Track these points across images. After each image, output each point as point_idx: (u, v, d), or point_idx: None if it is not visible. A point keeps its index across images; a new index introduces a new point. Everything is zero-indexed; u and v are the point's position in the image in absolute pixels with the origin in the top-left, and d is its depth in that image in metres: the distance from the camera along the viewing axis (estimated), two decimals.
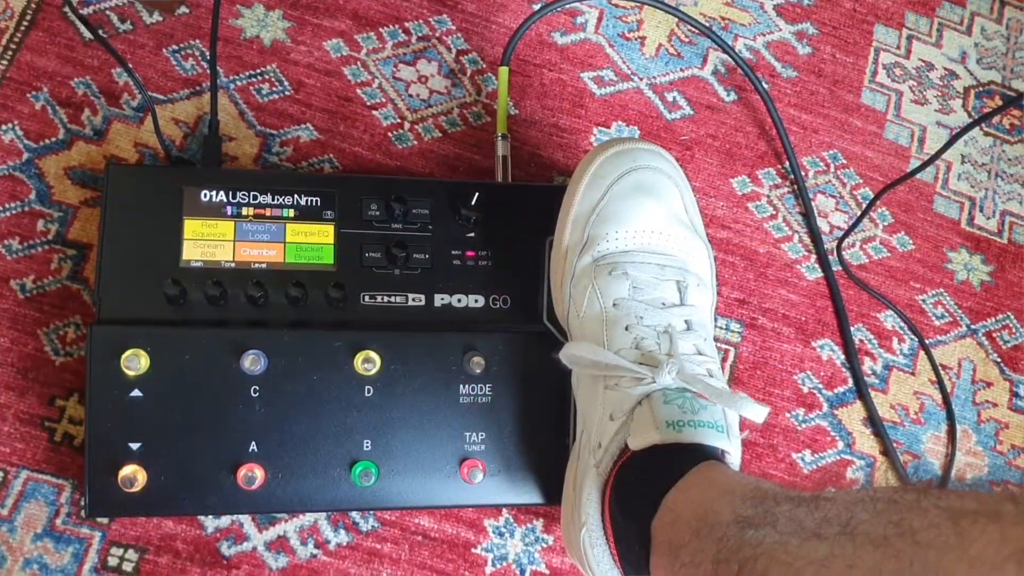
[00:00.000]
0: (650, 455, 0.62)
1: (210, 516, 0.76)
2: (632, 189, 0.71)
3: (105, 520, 0.75)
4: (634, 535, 0.60)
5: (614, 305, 0.68)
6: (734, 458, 0.64)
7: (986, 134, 1.02)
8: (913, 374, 0.93)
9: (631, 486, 0.63)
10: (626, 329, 0.67)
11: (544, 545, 0.81)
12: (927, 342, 0.93)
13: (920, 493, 0.41)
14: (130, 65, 0.80)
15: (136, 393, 0.70)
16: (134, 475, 0.69)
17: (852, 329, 0.92)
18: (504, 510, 0.81)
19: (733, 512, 0.50)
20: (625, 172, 0.71)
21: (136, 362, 0.69)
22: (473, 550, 0.80)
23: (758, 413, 0.62)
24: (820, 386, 0.90)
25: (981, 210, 0.99)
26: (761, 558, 0.44)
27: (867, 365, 0.92)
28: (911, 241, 0.96)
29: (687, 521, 0.54)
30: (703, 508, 0.53)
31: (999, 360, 0.95)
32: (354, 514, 0.79)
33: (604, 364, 0.66)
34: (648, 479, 0.61)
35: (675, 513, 0.56)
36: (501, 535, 0.80)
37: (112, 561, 0.74)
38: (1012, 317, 0.96)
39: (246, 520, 0.77)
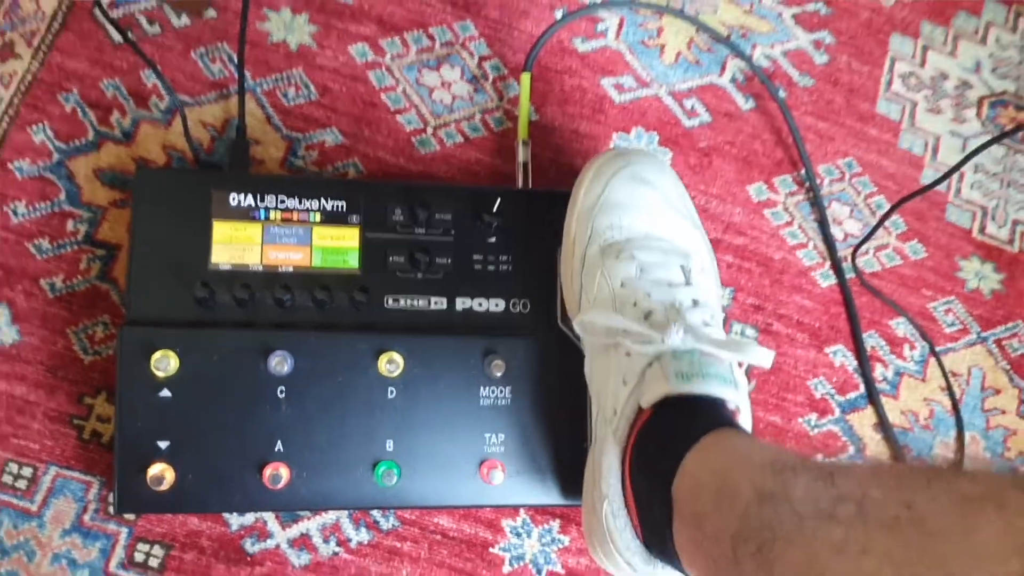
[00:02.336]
0: (665, 414, 0.64)
1: (235, 514, 0.77)
2: (630, 180, 0.75)
3: (132, 516, 0.76)
4: (656, 498, 0.61)
5: (622, 285, 0.71)
6: (745, 417, 0.66)
7: (999, 144, 1.03)
8: (923, 380, 0.94)
9: (650, 448, 0.64)
10: (635, 305, 0.69)
11: (561, 546, 0.82)
12: (938, 349, 0.95)
13: (931, 476, 0.42)
14: (159, 68, 0.81)
15: (165, 393, 0.71)
16: (162, 474, 0.70)
17: (864, 336, 0.93)
18: (521, 511, 0.83)
19: (752, 485, 0.51)
20: (623, 166, 0.75)
21: (166, 363, 0.71)
22: (491, 550, 0.81)
23: (765, 357, 0.65)
24: (832, 391, 0.91)
25: (993, 219, 1.00)
26: (779, 541, 0.46)
27: (878, 371, 0.93)
28: (923, 249, 0.97)
29: (708, 488, 0.55)
30: (723, 477, 0.55)
31: (1008, 367, 0.96)
32: (375, 513, 0.80)
33: (616, 329, 0.69)
34: (665, 438, 0.63)
35: (695, 479, 0.58)
36: (518, 535, 0.82)
37: (139, 557, 0.76)
38: (1022, 325, 0.98)
39: (270, 518, 0.79)
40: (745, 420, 0.66)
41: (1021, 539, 0.36)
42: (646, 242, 0.73)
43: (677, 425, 0.62)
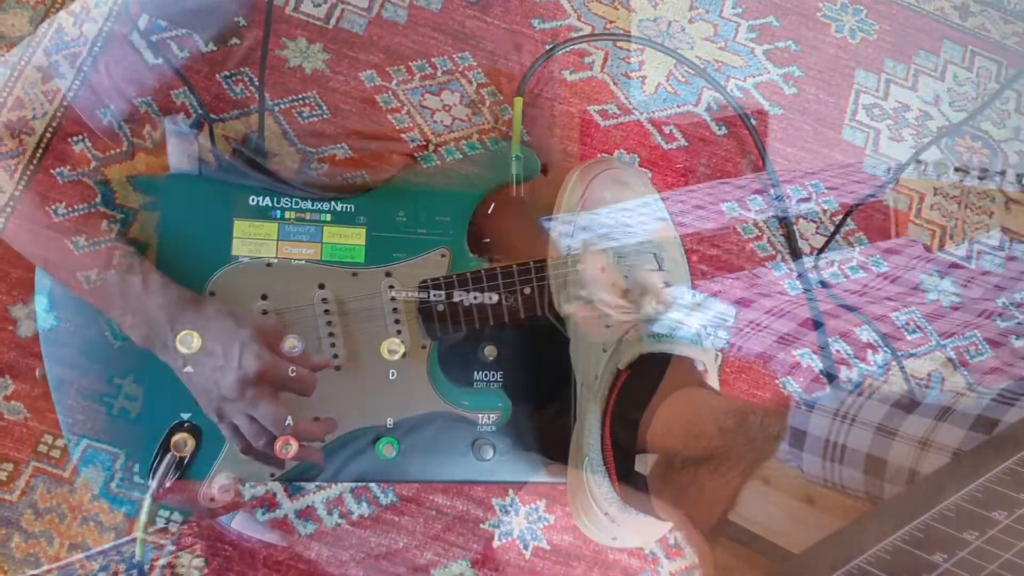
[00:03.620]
0: (640, 372, 0.73)
1: (247, 484, 0.85)
2: (609, 182, 0.85)
3: (155, 484, 0.83)
4: (632, 445, 0.70)
5: (602, 271, 0.80)
6: (712, 378, 0.74)
7: (957, 170, 1.12)
8: (886, 383, 1.01)
9: (627, 402, 0.73)
10: (613, 285, 0.79)
11: (546, 524, 0.89)
12: (899, 355, 1.02)
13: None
14: (191, 84, 0.91)
15: (188, 369, 0.79)
16: (184, 441, 0.78)
17: (830, 341, 1.01)
18: (510, 490, 0.90)
19: (716, 424, 0.60)
20: (602, 170, 0.86)
21: (190, 341, 0.78)
22: (481, 525, 0.88)
23: (728, 311, 0.81)
24: (799, 391, 0.99)
25: (951, 237, 1.09)
26: (733, 457, 0.55)
27: (843, 373, 1.00)
28: (885, 263, 1.06)
29: (677, 433, 0.64)
30: (690, 421, 0.64)
31: (966, 373, 1.04)
32: (375, 489, 0.87)
33: (598, 302, 0.77)
34: (640, 393, 0.71)
35: (667, 425, 0.66)
36: (507, 513, 0.89)
37: (159, 521, 0.83)
38: (978, 335, 1.05)
39: (278, 490, 0.86)
40: (712, 381, 0.74)
41: None
42: (623, 234, 0.82)
43: (650, 381, 0.71)
